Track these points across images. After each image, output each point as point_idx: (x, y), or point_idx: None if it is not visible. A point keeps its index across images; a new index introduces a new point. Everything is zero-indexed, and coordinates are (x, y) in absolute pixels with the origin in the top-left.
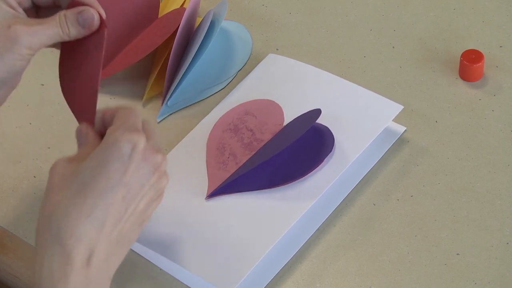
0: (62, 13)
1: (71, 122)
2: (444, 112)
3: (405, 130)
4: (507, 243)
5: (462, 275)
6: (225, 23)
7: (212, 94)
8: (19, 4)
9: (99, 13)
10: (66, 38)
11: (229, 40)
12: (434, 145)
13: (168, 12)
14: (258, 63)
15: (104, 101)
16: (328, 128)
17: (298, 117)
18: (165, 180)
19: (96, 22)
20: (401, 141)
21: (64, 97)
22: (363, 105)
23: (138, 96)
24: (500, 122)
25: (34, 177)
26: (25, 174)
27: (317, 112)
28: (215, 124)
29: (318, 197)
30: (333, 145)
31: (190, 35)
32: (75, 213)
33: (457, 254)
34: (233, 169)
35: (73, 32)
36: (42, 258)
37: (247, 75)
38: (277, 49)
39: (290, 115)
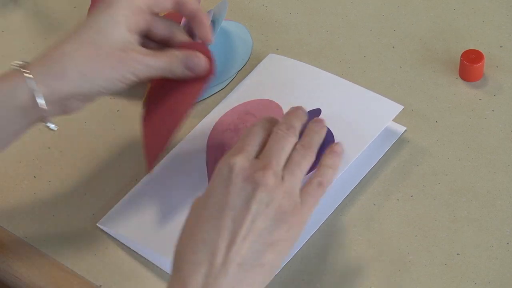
0: (174, 51)
1: (72, 122)
2: (444, 112)
3: (405, 130)
4: (507, 243)
5: (462, 275)
6: (225, 23)
7: (212, 94)
8: (136, 31)
9: (209, 60)
10: (169, 76)
11: (229, 40)
12: (434, 145)
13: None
14: (258, 63)
15: (104, 101)
16: (328, 129)
17: None
18: (280, 197)
19: (204, 69)
20: (401, 141)
21: (143, 127)
22: (363, 105)
23: (138, 96)
24: (500, 122)
25: (34, 177)
26: (25, 174)
27: (317, 112)
28: (215, 124)
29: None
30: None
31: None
32: (191, 241)
33: (457, 254)
34: None
35: (178, 72)
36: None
37: (247, 75)
38: (277, 49)
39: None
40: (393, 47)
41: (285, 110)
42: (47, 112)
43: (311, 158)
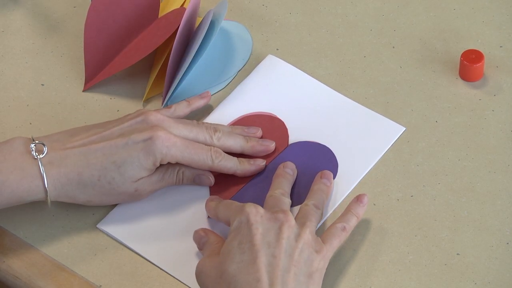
0: (181, 169)
1: (71, 122)
2: (444, 112)
3: (405, 130)
4: (507, 243)
5: (462, 275)
6: (225, 23)
7: (213, 94)
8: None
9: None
10: (176, 184)
11: (229, 40)
12: (434, 145)
13: (168, 12)
14: (258, 63)
15: (104, 101)
16: (332, 152)
17: (305, 146)
18: (305, 232)
19: (210, 183)
20: (401, 141)
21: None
22: (365, 126)
23: (138, 96)
24: (500, 122)
25: None
26: None
27: (327, 151)
28: None
29: (323, 220)
30: (336, 171)
31: (190, 35)
32: None
33: (457, 254)
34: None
35: (185, 184)
36: None
37: (247, 75)
38: (277, 49)
39: (292, 128)
40: (393, 47)
41: (287, 123)
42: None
43: (321, 218)
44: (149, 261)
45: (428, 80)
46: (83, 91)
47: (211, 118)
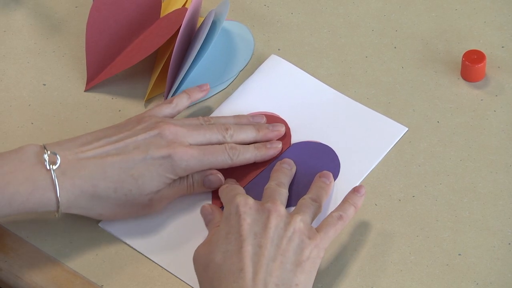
0: (189, 175)
1: (73, 122)
2: (446, 113)
3: (407, 131)
4: (509, 244)
5: (464, 276)
6: (227, 24)
7: (214, 94)
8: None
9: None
10: (189, 193)
11: (231, 40)
12: (436, 145)
13: (170, 13)
14: (260, 63)
15: (105, 101)
16: (334, 152)
17: (307, 146)
18: (296, 221)
19: (219, 184)
20: (403, 142)
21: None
22: (368, 126)
23: (140, 96)
24: (502, 122)
25: None
26: None
27: (329, 151)
28: None
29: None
30: (338, 171)
31: (192, 35)
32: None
33: (459, 254)
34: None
35: (197, 190)
36: None
37: (249, 75)
38: (279, 49)
39: (295, 128)
40: (395, 47)
41: (289, 123)
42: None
43: (318, 211)
44: (152, 261)
45: (430, 80)
46: (84, 91)
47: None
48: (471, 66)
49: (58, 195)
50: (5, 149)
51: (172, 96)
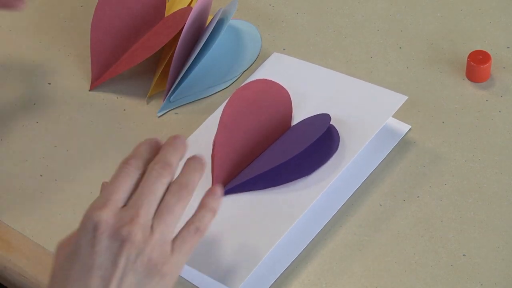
0: None
1: (78, 120)
2: (451, 113)
3: (410, 129)
4: None
5: (469, 276)
6: (236, 22)
7: (218, 92)
8: None
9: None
10: None
11: (239, 39)
12: (441, 146)
13: (175, 12)
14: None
15: (110, 100)
16: (334, 126)
17: (307, 119)
18: (148, 250)
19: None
20: (407, 142)
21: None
22: (365, 98)
23: (144, 95)
24: (507, 123)
25: (41, 176)
26: (31, 173)
27: (326, 118)
28: (227, 103)
29: (322, 192)
30: (338, 143)
31: (199, 34)
32: None
33: (464, 255)
34: (241, 159)
35: None
36: None
37: (251, 74)
38: (284, 49)
39: (298, 114)
40: (400, 47)
41: (293, 108)
42: None
43: (187, 200)
44: None
45: (435, 80)
46: (89, 90)
47: (216, 117)
48: (476, 66)
49: None
50: (9, 148)
51: (173, 95)
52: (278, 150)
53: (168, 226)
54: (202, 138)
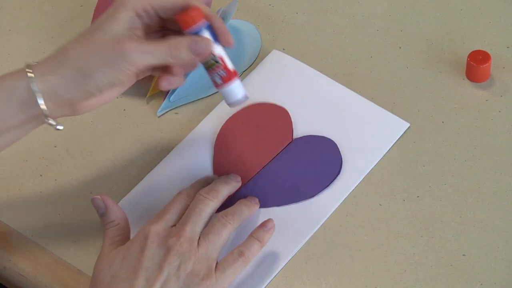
0: (177, 37)
1: (78, 121)
2: (451, 113)
3: (409, 127)
4: None
5: (468, 276)
6: (236, 22)
7: (216, 92)
8: (139, 29)
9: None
10: (173, 62)
11: (239, 39)
12: (441, 145)
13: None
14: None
15: None
16: (336, 146)
17: (310, 140)
18: (192, 261)
19: (208, 51)
20: (407, 142)
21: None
22: (370, 121)
23: (145, 95)
24: (507, 123)
25: (41, 175)
26: (31, 173)
27: (332, 145)
28: (221, 128)
29: (326, 217)
30: (341, 167)
31: None
32: None
33: (463, 255)
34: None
35: (182, 57)
36: None
37: (250, 72)
38: (283, 49)
39: (297, 121)
40: (400, 47)
41: (292, 114)
42: (49, 111)
43: (232, 227)
44: None
45: (435, 80)
46: None
47: (214, 115)
48: (476, 66)
49: None
50: (9, 149)
51: (173, 95)
52: (278, 168)
53: (214, 245)
54: (201, 136)
